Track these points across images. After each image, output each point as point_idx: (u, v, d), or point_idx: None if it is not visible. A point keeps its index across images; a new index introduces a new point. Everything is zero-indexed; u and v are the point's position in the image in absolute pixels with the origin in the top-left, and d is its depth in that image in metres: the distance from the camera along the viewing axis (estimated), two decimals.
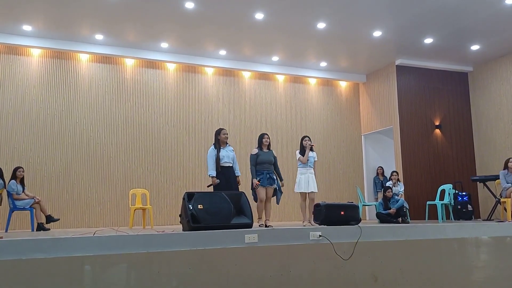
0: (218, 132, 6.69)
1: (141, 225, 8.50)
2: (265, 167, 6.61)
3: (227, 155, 6.57)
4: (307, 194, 6.96)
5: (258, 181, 6.46)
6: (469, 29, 8.88)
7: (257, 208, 6.50)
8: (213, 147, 6.59)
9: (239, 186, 6.70)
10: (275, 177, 6.68)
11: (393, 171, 9.50)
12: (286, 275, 4.94)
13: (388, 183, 9.18)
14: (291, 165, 10.51)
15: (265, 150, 6.75)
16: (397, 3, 7.80)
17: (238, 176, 6.71)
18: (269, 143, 6.81)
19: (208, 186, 6.59)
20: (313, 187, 6.92)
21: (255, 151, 6.71)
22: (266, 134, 6.86)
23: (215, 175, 6.41)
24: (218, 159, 6.46)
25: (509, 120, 10.13)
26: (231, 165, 6.60)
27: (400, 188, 9.18)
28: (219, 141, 6.63)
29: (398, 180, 9.33)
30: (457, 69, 11.03)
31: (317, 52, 10.02)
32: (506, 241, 6.17)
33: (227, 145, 6.72)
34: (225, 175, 6.48)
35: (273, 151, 6.89)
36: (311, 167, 7.06)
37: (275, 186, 6.63)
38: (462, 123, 11.00)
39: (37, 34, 8.75)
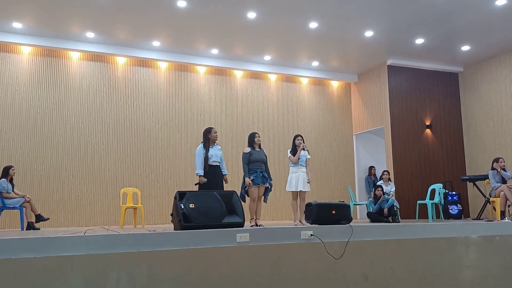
0: (209, 131, 6.65)
1: (132, 224, 8.47)
2: (258, 165, 6.60)
3: (215, 154, 6.56)
4: (298, 193, 6.97)
5: (252, 180, 6.46)
6: (460, 30, 8.95)
7: (249, 208, 6.47)
8: (202, 146, 6.56)
9: (225, 185, 6.70)
10: (267, 176, 6.69)
11: (384, 170, 9.53)
12: (278, 274, 4.95)
13: (379, 182, 9.21)
14: (283, 164, 10.54)
15: (257, 149, 6.75)
16: (389, 4, 7.84)
17: (225, 175, 6.71)
18: (260, 142, 6.83)
19: (195, 184, 6.58)
20: (303, 186, 6.92)
21: (248, 149, 6.70)
22: (257, 133, 6.86)
23: (203, 174, 6.40)
24: (206, 158, 6.45)
25: (499, 120, 10.23)
26: (218, 164, 6.60)
27: (391, 188, 9.20)
28: (209, 140, 6.61)
29: (389, 179, 9.35)
30: (448, 69, 11.11)
31: (309, 51, 10.04)
32: (495, 240, 6.23)
33: (215, 144, 6.71)
34: (213, 174, 6.46)
35: (264, 150, 6.90)
36: (303, 166, 7.06)
37: (267, 184, 6.63)
38: (453, 123, 11.09)
39: (27, 31, 8.67)
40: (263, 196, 6.71)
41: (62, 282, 4.08)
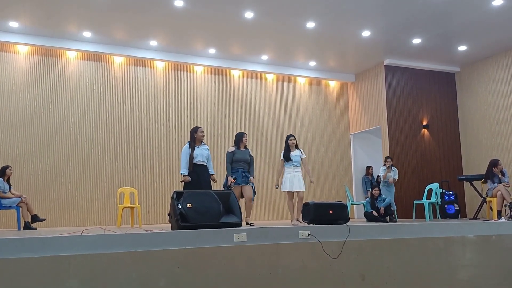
0: (195, 130, 6.67)
1: (129, 224, 8.46)
2: (240, 165, 6.71)
3: (201, 153, 6.59)
4: (293, 194, 7.01)
5: (234, 179, 6.53)
6: (457, 30, 8.98)
7: None
8: (188, 145, 6.60)
9: (213, 184, 6.73)
10: (249, 176, 6.75)
11: (387, 157, 9.13)
12: (275, 274, 4.95)
13: (382, 168, 9.01)
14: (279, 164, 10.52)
15: (242, 148, 6.82)
16: (386, 4, 7.85)
17: (212, 174, 6.71)
18: (246, 142, 6.96)
19: (181, 182, 6.61)
20: (298, 186, 6.94)
21: (232, 149, 6.80)
22: (245, 133, 6.95)
23: (187, 174, 6.44)
24: (191, 158, 6.47)
25: (495, 120, 10.26)
26: (205, 163, 6.61)
27: (394, 174, 8.88)
28: (195, 139, 6.62)
29: (392, 165, 8.96)
30: (445, 69, 11.14)
31: (306, 51, 10.04)
32: (491, 239, 6.25)
33: (202, 143, 6.72)
34: (197, 173, 6.50)
35: (250, 150, 6.96)
36: (297, 166, 7.12)
37: (250, 184, 6.68)
38: (449, 123, 11.12)
39: (24, 30, 8.64)
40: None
41: (59, 282, 4.06)
